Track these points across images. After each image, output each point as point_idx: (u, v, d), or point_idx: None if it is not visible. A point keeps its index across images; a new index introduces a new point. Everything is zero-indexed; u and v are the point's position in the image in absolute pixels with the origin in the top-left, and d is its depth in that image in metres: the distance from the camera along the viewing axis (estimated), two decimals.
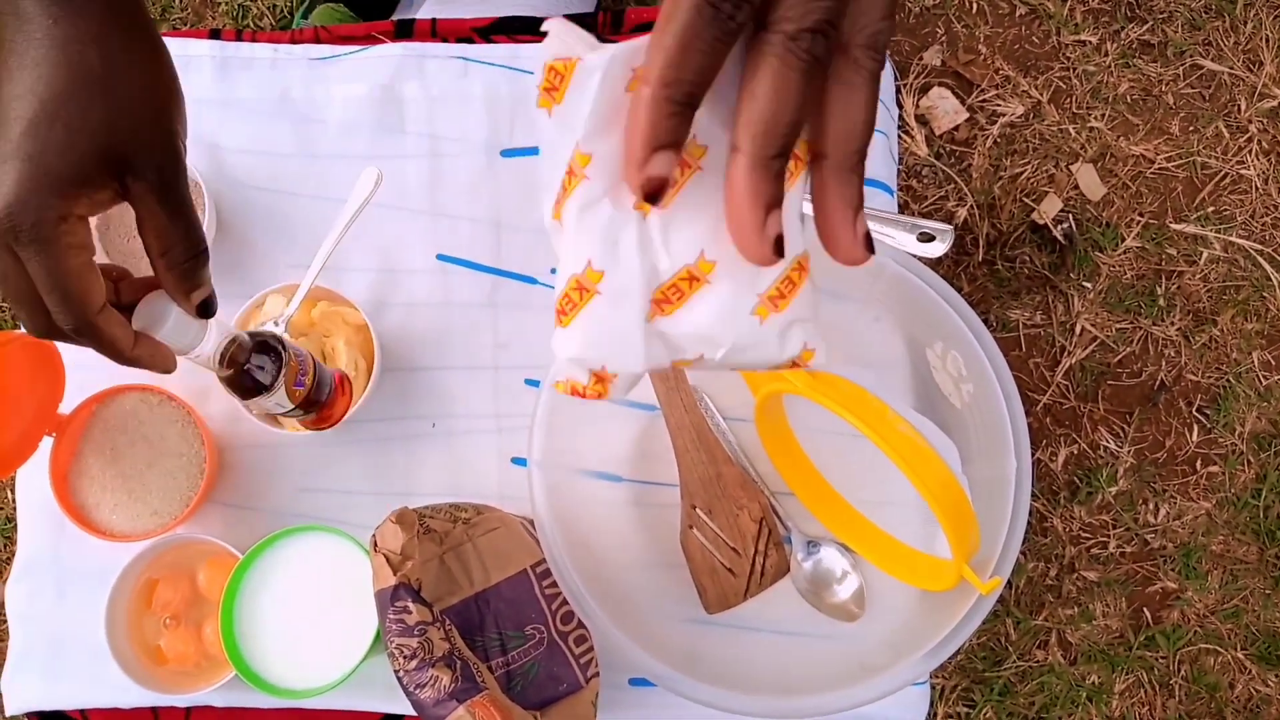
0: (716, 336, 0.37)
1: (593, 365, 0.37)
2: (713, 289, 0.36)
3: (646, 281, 0.36)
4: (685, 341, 0.37)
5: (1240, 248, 1.40)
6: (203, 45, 0.81)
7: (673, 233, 0.35)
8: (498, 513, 0.70)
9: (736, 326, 0.36)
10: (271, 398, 0.63)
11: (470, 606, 0.66)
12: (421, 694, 0.59)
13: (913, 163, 1.40)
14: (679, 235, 0.35)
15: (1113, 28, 1.42)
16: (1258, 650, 1.36)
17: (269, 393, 0.62)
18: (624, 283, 0.36)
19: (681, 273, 0.36)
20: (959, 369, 0.66)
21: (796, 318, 0.37)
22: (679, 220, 0.35)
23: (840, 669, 0.65)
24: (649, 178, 0.31)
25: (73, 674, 0.75)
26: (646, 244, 0.35)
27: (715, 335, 0.37)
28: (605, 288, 0.36)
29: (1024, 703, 1.34)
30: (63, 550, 0.76)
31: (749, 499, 0.70)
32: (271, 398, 0.63)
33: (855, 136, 0.32)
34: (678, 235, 0.35)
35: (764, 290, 0.36)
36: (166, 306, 0.52)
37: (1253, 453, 1.38)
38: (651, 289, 0.36)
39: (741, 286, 0.36)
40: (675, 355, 0.37)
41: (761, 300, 0.36)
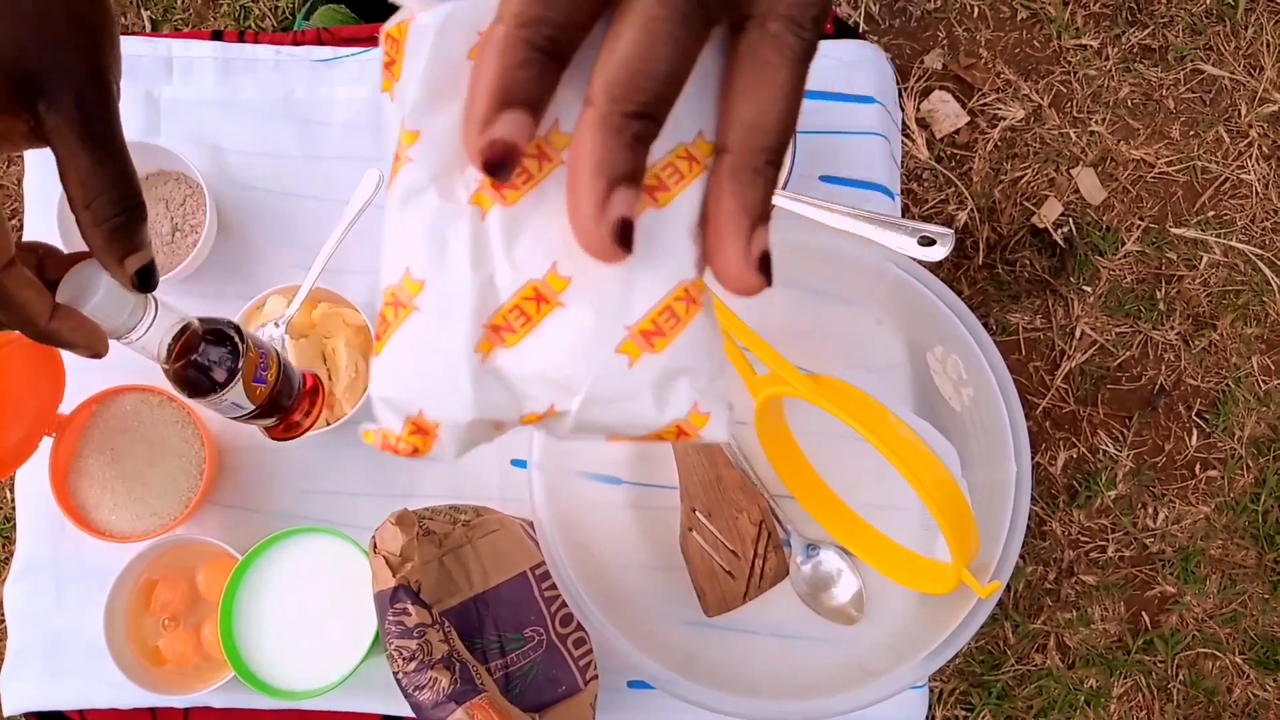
0: (570, 380, 0.28)
1: (408, 410, 0.28)
2: (567, 314, 0.27)
3: (479, 298, 0.27)
4: (531, 385, 0.28)
5: (1240, 252, 1.40)
6: (205, 47, 0.81)
7: (519, 237, 0.27)
8: (497, 515, 0.70)
9: (595, 366, 0.28)
10: (226, 396, 0.55)
11: (469, 608, 0.66)
12: (420, 696, 0.59)
13: (913, 166, 1.40)
14: (527, 241, 0.27)
15: (1114, 32, 1.42)
16: (1256, 655, 1.36)
17: (223, 390, 0.55)
18: (449, 298, 0.27)
19: (526, 290, 0.27)
20: (959, 373, 0.66)
21: (682, 366, 0.28)
22: (529, 222, 0.27)
23: (839, 672, 0.66)
24: (492, 141, 0.24)
25: (71, 674, 0.75)
26: (482, 248, 0.27)
27: (568, 378, 0.28)
28: (426, 303, 0.27)
29: (1022, 706, 1.34)
30: (62, 550, 0.76)
31: (748, 502, 0.70)
32: (226, 396, 0.55)
33: (765, 130, 0.25)
34: (525, 241, 0.27)
35: (634, 322, 0.28)
36: (96, 275, 0.44)
37: (1252, 457, 1.38)
38: (486, 310, 0.27)
39: (604, 314, 0.28)
40: (519, 404, 0.28)
41: (630, 335, 0.28)
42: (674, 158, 0.27)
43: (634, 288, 0.27)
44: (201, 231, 0.75)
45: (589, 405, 0.28)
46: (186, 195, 0.77)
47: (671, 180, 0.27)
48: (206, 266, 0.77)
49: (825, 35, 0.82)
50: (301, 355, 0.71)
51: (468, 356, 0.27)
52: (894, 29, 1.43)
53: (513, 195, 0.27)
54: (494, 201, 0.27)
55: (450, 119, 0.27)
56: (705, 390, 0.29)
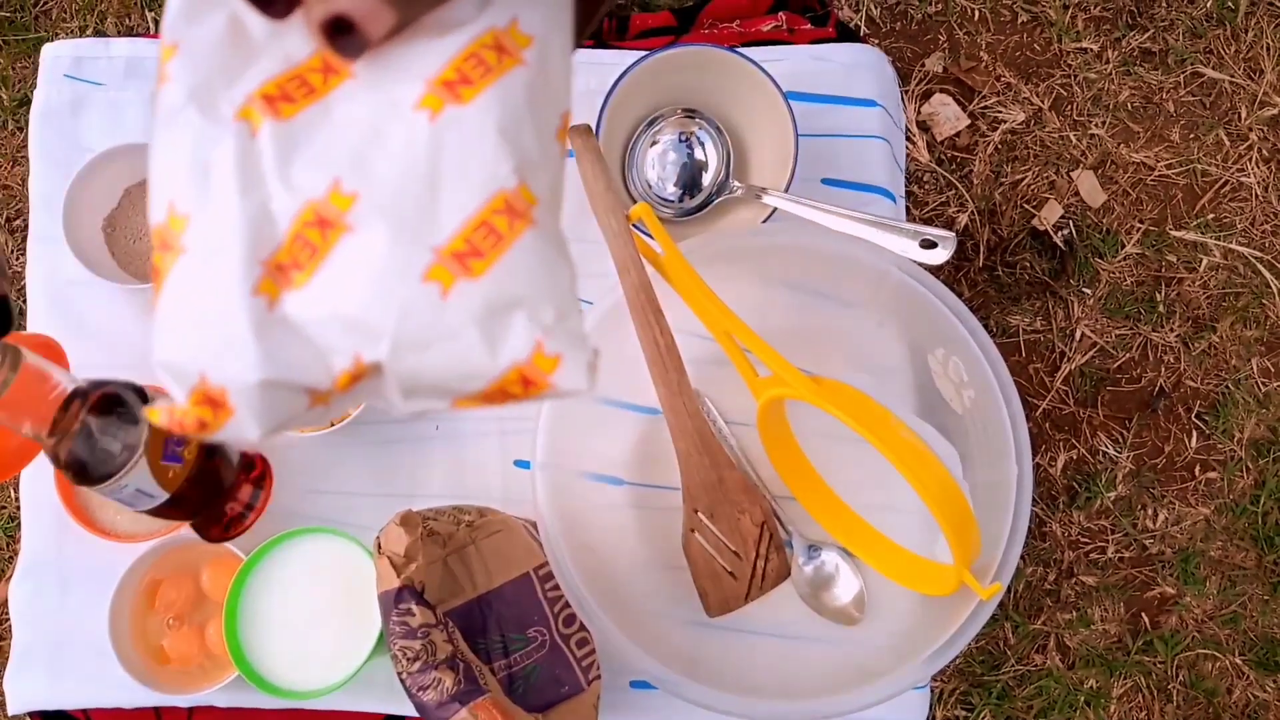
0: (372, 320, 0.22)
1: (189, 376, 0.23)
2: (357, 239, 0.22)
3: (253, 231, 0.22)
4: (329, 333, 0.22)
5: (1240, 255, 1.40)
6: None
7: (296, 154, 0.22)
8: (501, 515, 0.70)
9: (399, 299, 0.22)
10: (125, 480, 0.43)
11: (473, 609, 0.66)
12: (424, 696, 0.59)
13: (914, 169, 1.40)
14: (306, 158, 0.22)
15: (1114, 35, 1.43)
16: (1256, 656, 1.36)
17: (119, 474, 0.42)
18: (218, 233, 0.22)
19: (305, 213, 0.22)
20: (960, 375, 0.66)
21: (513, 296, 0.23)
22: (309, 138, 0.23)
23: (840, 673, 0.66)
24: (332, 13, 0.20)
25: (76, 673, 0.75)
26: (253, 171, 0.22)
27: (370, 319, 0.22)
28: (192, 242, 0.22)
29: (1022, 707, 1.35)
30: (66, 550, 0.76)
31: (751, 503, 0.70)
32: (125, 480, 0.43)
33: None
34: (304, 158, 0.23)
35: (442, 242, 0.22)
36: None
37: (1251, 459, 1.39)
38: (264, 245, 0.22)
39: (402, 234, 0.22)
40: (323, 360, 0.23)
41: (439, 258, 0.22)
42: (479, 46, 0.23)
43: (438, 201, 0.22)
44: None
45: (401, 351, 0.22)
46: None
47: (476, 73, 0.23)
48: None
49: (827, 39, 0.82)
50: None
51: (245, 302, 0.22)
52: (895, 32, 1.43)
53: (288, 109, 0.22)
54: (265, 116, 0.22)
55: (213, 30, 0.23)
56: (551, 328, 0.24)
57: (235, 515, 0.52)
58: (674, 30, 0.84)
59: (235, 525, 0.53)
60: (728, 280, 0.66)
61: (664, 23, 0.84)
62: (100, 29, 1.41)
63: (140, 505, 0.47)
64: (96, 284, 0.74)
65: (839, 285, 0.73)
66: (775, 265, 0.74)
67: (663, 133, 0.78)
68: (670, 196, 0.78)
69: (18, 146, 1.40)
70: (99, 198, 0.77)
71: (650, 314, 0.64)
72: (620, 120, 0.76)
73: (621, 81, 0.72)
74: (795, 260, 0.72)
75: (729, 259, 0.69)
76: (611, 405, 0.75)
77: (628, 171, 0.78)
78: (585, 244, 0.78)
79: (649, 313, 0.64)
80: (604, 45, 0.82)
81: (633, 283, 0.64)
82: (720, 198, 0.77)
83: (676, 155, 0.78)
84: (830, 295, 0.74)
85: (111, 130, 0.80)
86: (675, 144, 0.78)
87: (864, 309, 0.72)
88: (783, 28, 0.82)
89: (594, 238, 0.67)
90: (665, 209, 0.78)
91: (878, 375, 0.73)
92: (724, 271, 0.66)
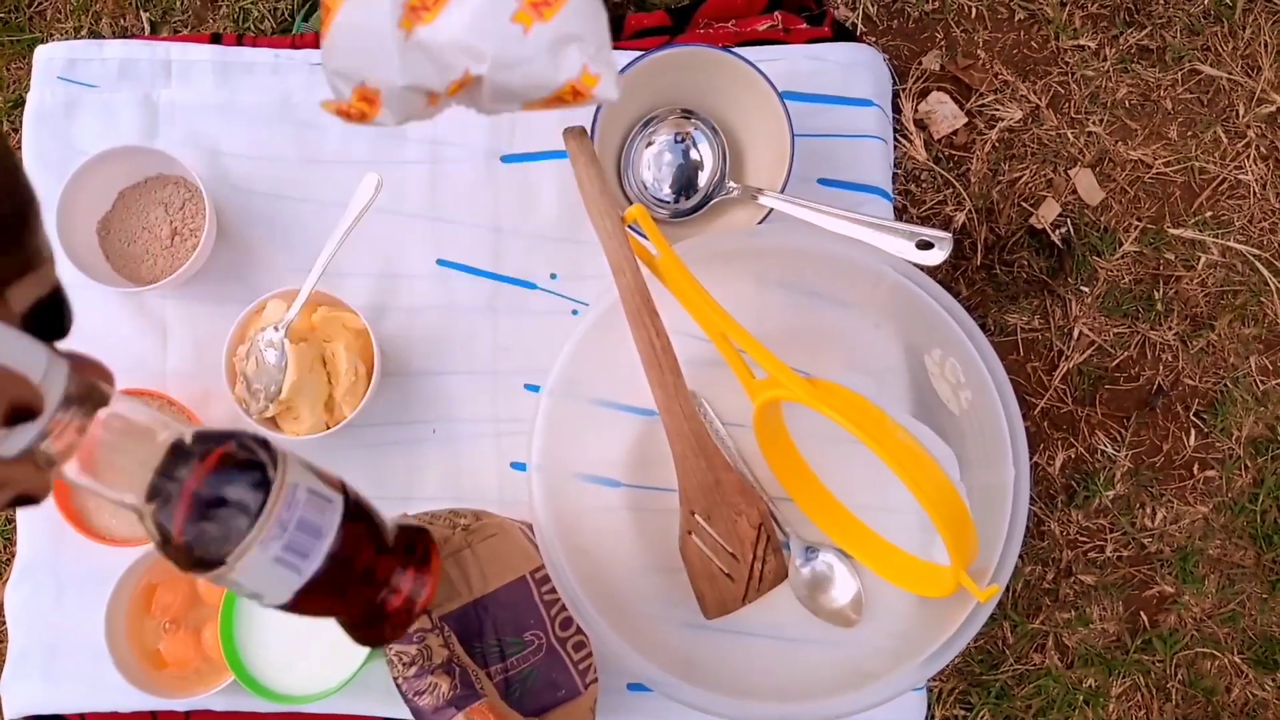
0: (477, 46, 0.35)
1: (354, 78, 0.36)
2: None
3: None
4: (447, 54, 0.35)
5: (1238, 253, 1.40)
6: (204, 50, 0.81)
7: None
8: (497, 518, 0.70)
9: (496, 33, 0.35)
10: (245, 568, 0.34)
11: (469, 613, 0.66)
12: (420, 701, 0.59)
13: (911, 167, 1.40)
14: None
15: (1111, 33, 1.43)
16: (1254, 654, 1.36)
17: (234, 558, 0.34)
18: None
19: None
20: (957, 376, 0.66)
21: (571, 33, 0.35)
22: None
23: (838, 675, 0.66)
24: None
25: (72, 677, 0.75)
26: None
27: (476, 45, 0.35)
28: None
29: (1021, 706, 1.35)
30: (62, 554, 0.76)
31: (748, 505, 0.70)
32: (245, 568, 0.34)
33: None
34: None
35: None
36: None
37: (1250, 457, 1.39)
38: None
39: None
40: (441, 72, 0.36)
41: (522, 6, 0.35)
42: None
43: None
44: (201, 235, 0.75)
45: (496, 69, 0.35)
46: (185, 199, 0.77)
47: None
48: (206, 271, 0.77)
49: (823, 38, 0.82)
50: (301, 359, 0.71)
51: (393, 33, 0.34)
52: (892, 30, 1.43)
53: None
54: None
55: None
56: (594, 56, 0.36)
57: (396, 609, 0.40)
58: (669, 30, 0.84)
59: (397, 622, 0.41)
60: (723, 281, 0.66)
61: (659, 22, 0.84)
62: (95, 30, 1.40)
63: (272, 595, 0.37)
64: (91, 287, 0.74)
65: (835, 286, 0.73)
66: (771, 266, 0.74)
67: (658, 133, 0.78)
68: (666, 197, 0.78)
69: (11, 148, 1.39)
70: (93, 201, 0.77)
71: (646, 315, 0.64)
72: (615, 121, 0.76)
73: None
74: (791, 261, 0.72)
75: (725, 260, 0.69)
76: (607, 407, 0.75)
77: (623, 172, 0.78)
78: (580, 245, 0.78)
79: (644, 314, 0.63)
80: None
81: (628, 284, 0.64)
82: (716, 198, 0.77)
83: (672, 156, 0.77)
84: (826, 296, 0.74)
85: (105, 132, 0.79)
86: (671, 145, 0.77)
87: (860, 310, 0.72)
88: (778, 27, 0.82)
89: (589, 239, 0.67)
90: (661, 210, 0.78)
91: (874, 376, 0.73)
92: (720, 273, 0.66)
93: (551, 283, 0.78)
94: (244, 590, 0.36)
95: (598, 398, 0.74)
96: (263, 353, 0.71)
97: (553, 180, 0.79)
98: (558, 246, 0.78)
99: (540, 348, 0.77)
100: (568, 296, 0.78)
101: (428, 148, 0.79)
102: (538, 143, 0.79)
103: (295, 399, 0.71)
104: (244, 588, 0.36)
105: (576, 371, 0.66)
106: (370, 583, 0.40)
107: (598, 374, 0.69)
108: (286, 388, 0.70)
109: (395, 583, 0.41)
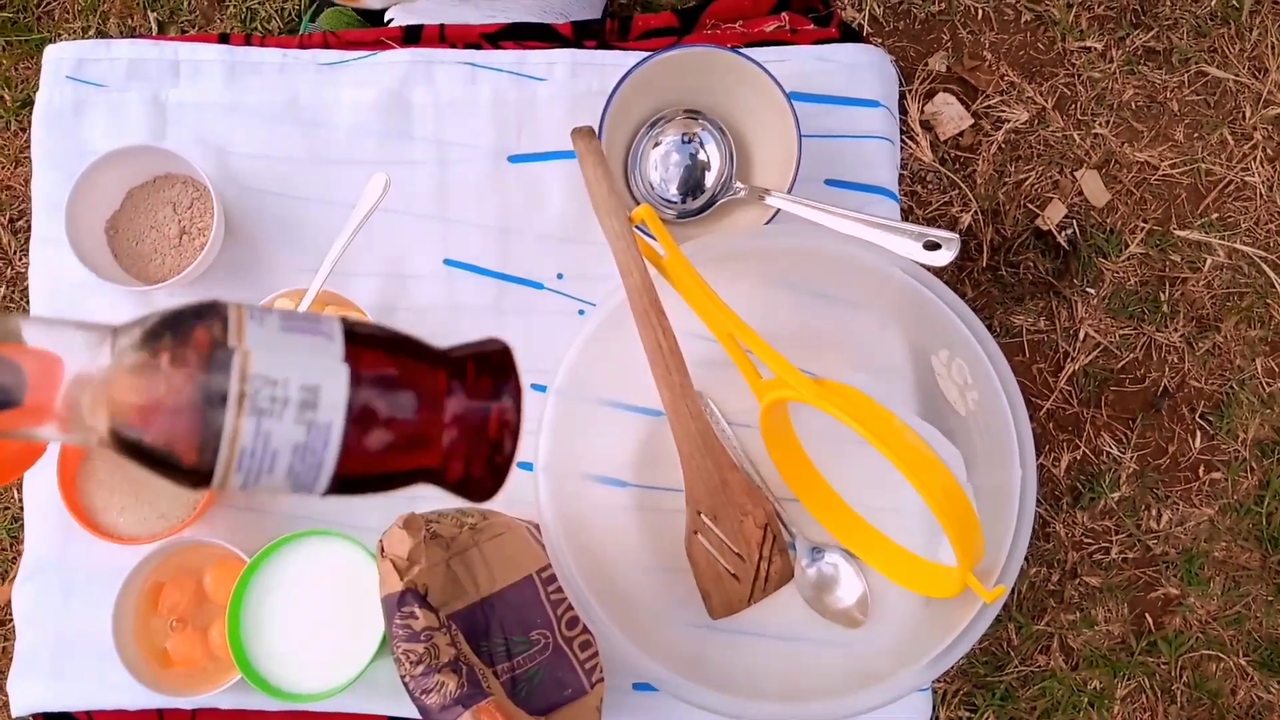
0: None
1: None
2: None
3: None
4: None
5: (1244, 254, 1.40)
6: (212, 50, 0.81)
7: None
8: (504, 518, 0.70)
9: None
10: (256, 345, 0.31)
11: (476, 612, 0.66)
12: (427, 699, 0.59)
13: (917, 168, 1.40)
14: None
15: (1118, 34, 1.42)
16: (1260, 657, 1.36)
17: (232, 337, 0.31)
18: None
19: None
20: (964, 377, 0.66)
21: None
22: None
23: (844, 675, 0.66)
24: None
25: (79, 675, 0.75)
26: None
27: None
28: None
29: (1025, 707, 1.35)
30: (70, 552, 0.76)
31: (754, 505, 0.70)
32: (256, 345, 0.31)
33: None
34: None
35: None
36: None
37: (1255, 459, 1.38)
38: None
39: None
40: None
41: None
42: None
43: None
44: (209, 234, 0.75)
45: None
46: (194, 198, 0.77)
47: None
48: (213, 270, 0.77)
49: (830, 39, 0.82)
50: None
51: None
52: (898, 31, 1.43)
53: None
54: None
55: None
56: None
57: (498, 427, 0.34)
58: (676, 31, 0.84)
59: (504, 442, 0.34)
60: (730, 282, 0.66)
61: (666, 23, 0.84)
62: (103, 30, 1.41)
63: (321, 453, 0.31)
64: (99, 286, 0.74)
65: (842, 287, 0.73)
66: (778, 267, 0.74)
67: (665, 134, 0.78)
68: (673, 198, 0.78)
69: (20, 148, 1.40)
70: (102, 200, 0.77)
71: (653, 315, 0.64)
72: (623, 122, 0.76)
73: (624, 83, 0.72)
74: (798, 262, 0.72)
75: (732, 260, 0.69)
76: (614, 407, 0.75)
77: (630, 173, 0.78)
78: (588, 245, 0.78)
79: (652, 314, 0.64)
80: (606, 46, 0.82)
81: (635, 284, 0.64)
82: (723, 199, 0.77)
83: (679, 156, 0.78)
84: (833, 297, 0.74)
85: (114, 132, 0.80)
86: (678, 145, 0.78)
87: (867, 311, 0.72)
88: (785, 28, 0.82)
89: (596, 239, 0.67)
90: (668, 210, 0.78)
91: (880, 377, 0.73)
92: (726, 273, 0.66)
93: (558, 283, 0.78)
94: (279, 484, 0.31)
95: (604, 398, 0.74)
96: None
97: (560, 180, 0.79)
98: (565, 247, 0.78)
99: (547, 348, 0.77)
100: (575, 297, 0.78)
101: (435, 148, 0.79)
102: (545, 143, 0.79)
103: None
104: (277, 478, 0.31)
105: (583, 371, 0.66)
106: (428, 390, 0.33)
107: (604, 374, 0.69)
108: None
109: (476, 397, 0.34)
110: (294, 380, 0.30)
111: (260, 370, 0.30)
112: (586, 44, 0.82)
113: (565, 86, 0.80)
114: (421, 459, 0.34)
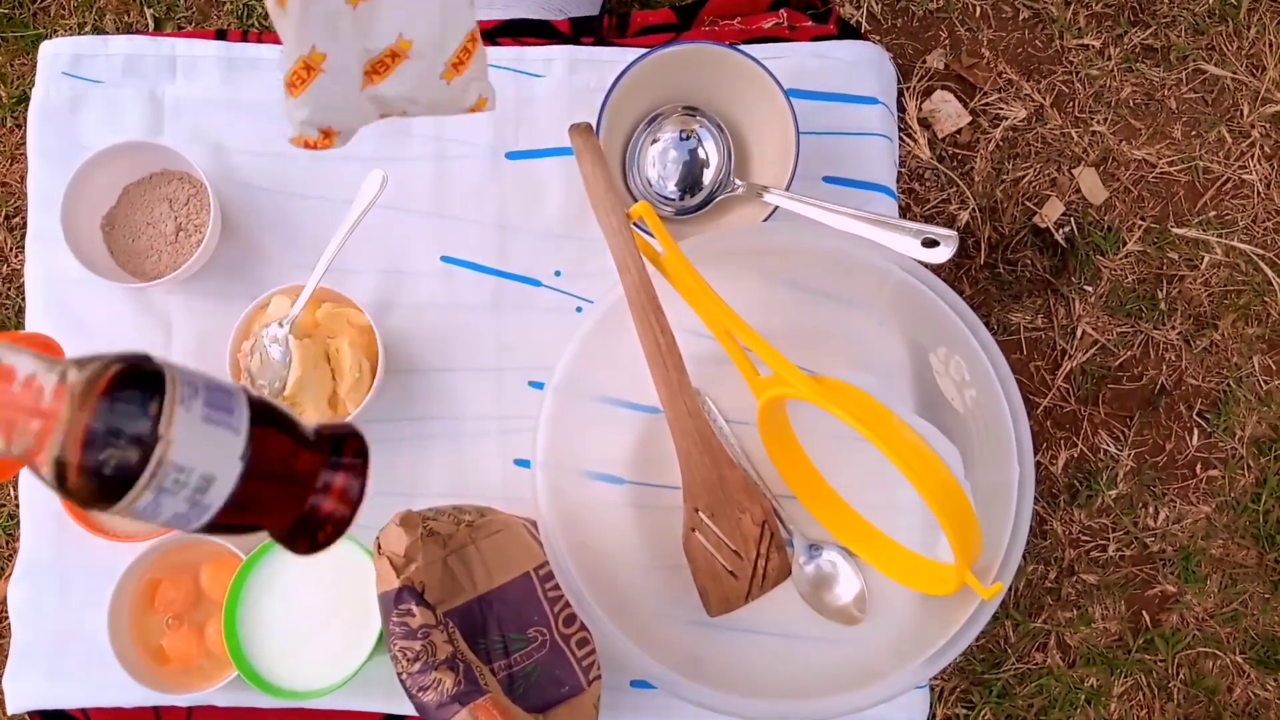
0: (414, 97, 0.51)
1: (322, 125, 0.50)
2: (411, 63, 0.50)
3: (360, 58, 0.49)
4: (393, 103, 0.52)
5: (1242, 252, 1.40)
6: (209, 46, 0.81)
7: (377, 21, 0.48)
8: (501, 515, 0.70)
9: (428, 88, 0.51)
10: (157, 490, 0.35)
11: (473, 609, 0.66)
12: (424, 697, 0.59)
13: (915, 166, 1.40)
14: (382, 20, 0.48)
15: (1116, 32, 1.42)
16: (1256, 654, 1.36)
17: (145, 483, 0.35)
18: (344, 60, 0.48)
19: (386, 52, 0.49)
20: (962, 374, 0.66)
21: (473, 77, 0.52)
22: (382, 10, 0.48)
23: (841, 673, 0.66)
24: None
25: (75, 673, 0.75)
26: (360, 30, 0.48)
27: (415, 96, 0.51)
28: (328, 66, 0.48)
29: (1022, 705, 1.35)
30: (65, 549, 0.76)
31: (751, 502, 0.70)
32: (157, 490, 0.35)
33: None
34: (381, 21, 0.48)
35: (448, 59, 0.51)
36: None
37: (1253, 457, 1.39)
38: (363, 64, 0.49)
39: (433, 59, 0.50)
40: (386, 110, 0.52)
41: (447, 67, 0.51)
42: None
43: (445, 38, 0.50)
44: (205, 231, 0.75)
45: (427, 108, 0.52)
46: (190, 195, 0.77)
47: None
48: (210, 266, 0.77)
49: (829, 36, 0.82)
50: (305, 355, 0.71)
51: (356, 91, 0.50)
52: (896, 28, 1.43)
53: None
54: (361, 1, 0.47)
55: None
56: (486, 89, 0.53)
57: (329, 513, 0.39)
58: (675, 28, 0.83)
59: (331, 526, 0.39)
60: (728, 279, 0.66)
61: (665, 20, 0.83)
62: (99, 26, 1.40)
63: (193, 521, 0.37)
64: (95, 283, 0.74)
65: (840, 284, 0.73)
66: (776, 264, 0.74)
67: (663, 131, 0.77)
68: (671, 195, 0.78)
69: (16, 144, 1.39)
70: (98, 196, 0.77)
71: (651, 313, 0.64)
72: (621, 118, 0.75)
73: (622, 79, 0.72)
74: (796, 259, 0.72)
75: (730, 258, 0.69)
76: (612, 404, 0.75)
77: (628, 170, 0.78)
78: (585, 242, 0.78)
79: (649, 311, 0.63)
80: (604, 43, 0.81)
81: (633, 281, 0.64)
82: (721, 196, 0.77)
83: (677, 153, 0.77)
84: (831, 294, 0.74)
85: (110, 128, 0.79)
86: (676, 142, 0.77)
87: (865, 308, 0.72)
88: (784, 25, 0.82)
89: (595, 236, 0.67)
90: (666, 207, 0.78)
91: (879, 374, 0.73)
92: (725, 270, 0.66)
93: (556, 280, 0.78)
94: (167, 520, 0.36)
95: (602, 395, 0.74)
96: (267, 349, 0.71)
97: (558, 177, 0.79)
98: (562, 243, 0.78)
99: (545, 345, 0.77)
100: (572, 294, 0.78)
101: (433, 144, 0.79)
102: (543, 139, 0.79)
103: (299, 395, 0.71)
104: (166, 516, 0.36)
105: (581, 368, 0.66)
106: (295, 480, 0.39)
107: (602, 371, 0.69)
108: (291, 384, 0.70)
109: (328, 483, 0.39)
110: (197, 470, 0.36)
111: (174, 459, 0.35)
112: (584, 40, 0.82)
113: (563, 83, 0.80)
114: (268, 524, 0.40)
